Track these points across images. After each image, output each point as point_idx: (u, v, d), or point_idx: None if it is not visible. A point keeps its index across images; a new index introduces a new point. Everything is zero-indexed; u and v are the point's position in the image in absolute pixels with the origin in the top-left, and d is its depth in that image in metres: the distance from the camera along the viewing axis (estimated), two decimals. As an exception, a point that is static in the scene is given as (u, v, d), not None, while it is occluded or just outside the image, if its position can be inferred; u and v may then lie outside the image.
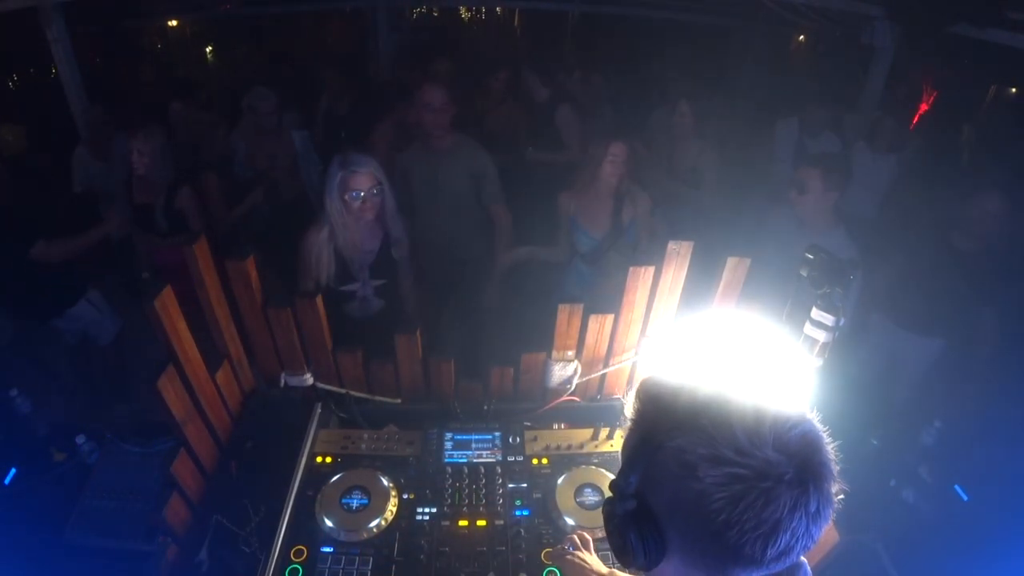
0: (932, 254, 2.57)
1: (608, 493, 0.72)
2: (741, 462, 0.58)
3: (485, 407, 1.80)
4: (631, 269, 1.66)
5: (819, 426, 0.64)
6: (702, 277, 1.71)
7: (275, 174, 3.43)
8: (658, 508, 0.65)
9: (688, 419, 0.62)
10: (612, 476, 1.54)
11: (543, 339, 1.78)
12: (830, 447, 0.63)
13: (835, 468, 0.62)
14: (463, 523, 1.49)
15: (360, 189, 2.13)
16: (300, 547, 1.42)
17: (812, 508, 0.59)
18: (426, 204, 2.82)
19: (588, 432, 1.71)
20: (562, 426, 1.79)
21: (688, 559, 0.65)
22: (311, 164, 3.43)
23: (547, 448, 1.68)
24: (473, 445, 1.69)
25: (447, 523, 1.49)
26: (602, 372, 1.83)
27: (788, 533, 0.59)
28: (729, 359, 1.51)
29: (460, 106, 2.95)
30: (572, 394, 1.83)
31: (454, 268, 2.96)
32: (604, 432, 1.69)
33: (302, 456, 1.62)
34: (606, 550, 1.39)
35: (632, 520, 0.66)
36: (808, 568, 0.79)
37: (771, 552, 0.59)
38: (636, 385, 0.72)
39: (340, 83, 4.43)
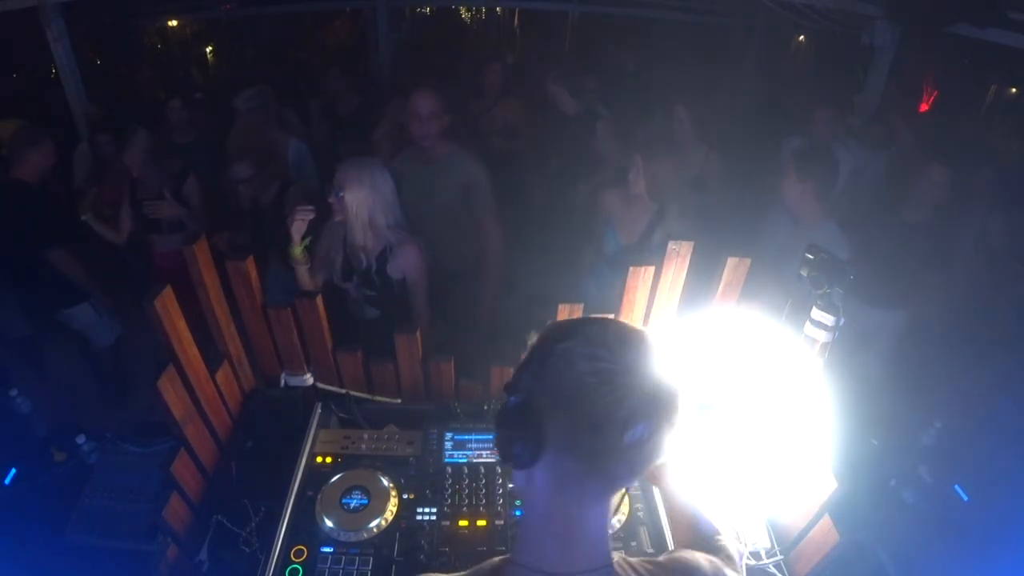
0: (887, 229, 2.74)
1: None
2: (610, 359, 0.72)
3: (485, 407, 1.80)
4: (631, 269, 1.66)
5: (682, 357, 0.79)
6: (701, 277, 1.71)
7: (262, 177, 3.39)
8: (540, 401, 0.75)
9: (574, 329, 0.76)
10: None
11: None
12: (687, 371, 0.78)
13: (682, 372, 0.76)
14: (463, 523, 1.49)
15: (335, 184, 2.10)
16: (300, 547, 1.42)
17: (664, 403, 0.73)
18: (416, 214, 2.64)
19: (588, 432, 1.71)
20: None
21: (556, 457, 0.74)
22: (304, 176, 3.31)
23: (547, 448, 1.67)
24: (473, 445, 1.69)
25: (447, 523, 1.49)
26: (602, 372, 1.83)
27: (644, 425, 0.72)
28: (729, 358, 1.51)
29: (456, 109, 2.87)
30: (572, 394, 1.83)
31: (444, 281, 2.78)
32: (604, 432, 1.69)
33: (302, 456, 1.61)
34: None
35: (519, 412, 0.76)
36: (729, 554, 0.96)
37: (629, 439, 0.72)
38: None
39: (341, 83, 4.43)
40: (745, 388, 1.55)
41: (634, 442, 0.72)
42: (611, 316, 0.82)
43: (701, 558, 0.88)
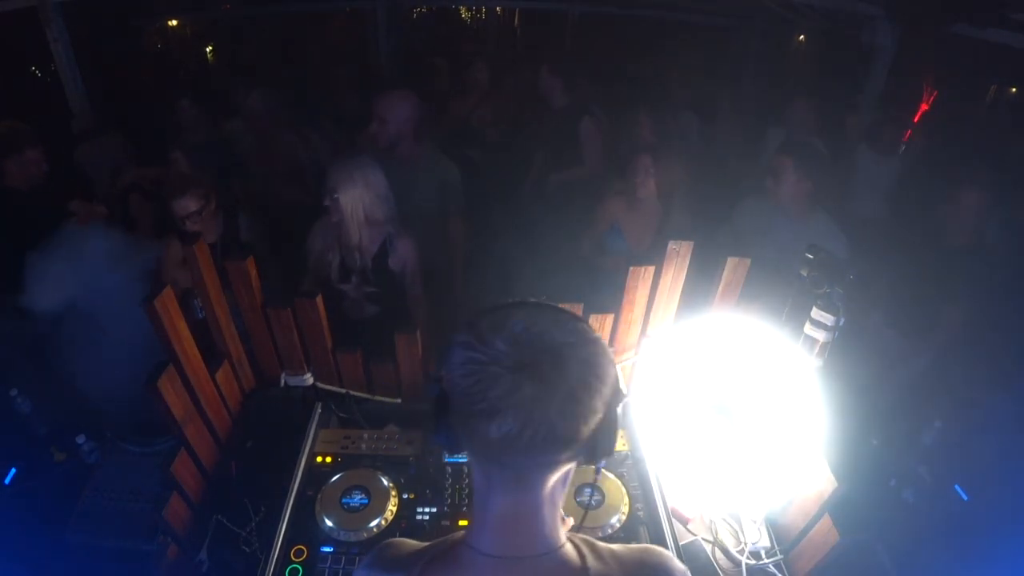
0: (922, 254, 2.58)
1: (609, 493, 0.75)
2: (479, 348, 0.70)
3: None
4: (631, 269, 1.67)
5: (580, 335, 0.73)
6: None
7: (276, 176, 3.39)
8: (446, 395, 0.75)
9: (472, 319, 0.75)
10: (613, 476, 1.55)
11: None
12: (566, 344, 0.72)
13: (565, 364, 0.70)
14: (463, 523, 1.49)
15: (329, 185, 2.14)
16: (300, 547, 1.42)
17: (528, 393, 0.68)
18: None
19: (588, 432, 1.71)
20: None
21: (465, 444, 0.75)
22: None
23: (547, 448, 1.67)
24: (473, 445, 1.69)
25: (447, 523, 1.49)
26: (602, 372, 1.83)
27: (511, 415, 0.68)
28: (729, 359, 1.51)
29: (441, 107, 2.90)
30: (572, 394, 1.83)
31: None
32: (604, 432, 1.69)
33: (302, 456, 1.62)
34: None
35: (435, 403, 0.77)
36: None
37: (495, 431, 0.68)
38: None
39: (342, 83, 4.43)
40: (745, 388, 1.55)
41: (503, 435, 0.68)
42: (528, 300, 0.78)
43: (676, 564, 0.84)
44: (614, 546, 0.84)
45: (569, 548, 0.80)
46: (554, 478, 0.76)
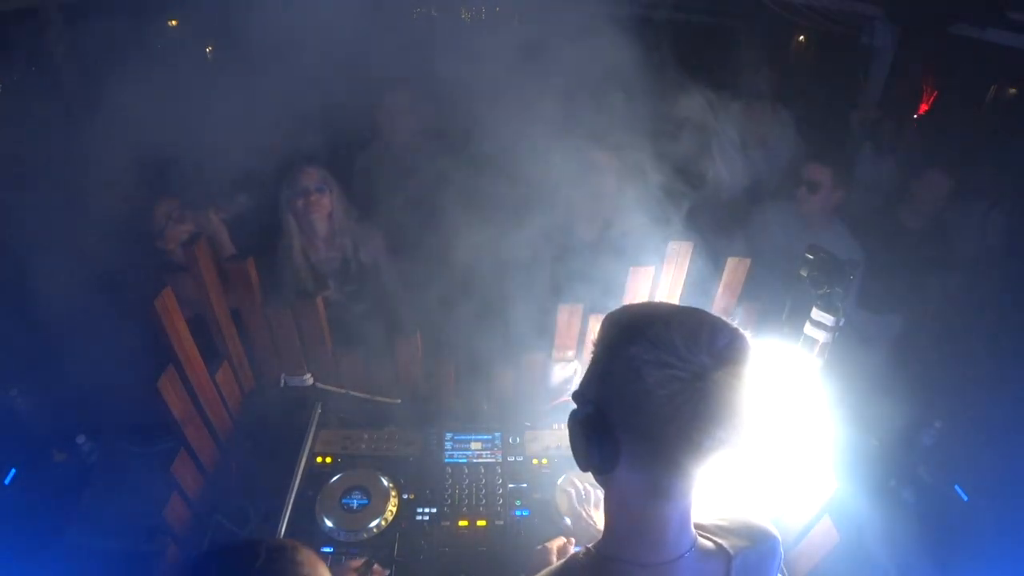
0: (887, 236, 2.68)
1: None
2: (679, 365, 0.68)
3: (485, 407, 1.80)
4: (631, 269, 1.67)
5: (748, 338, 0.75)
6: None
7: None
8: (611, 412, 0.73)
9: (637, 332, 0.72)
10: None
11: (543, 339, 1.78)
12: (750, 353, 0.74)
13: (763, 374, 0.73)
14: (463, 523, 1.49)
15: (305, 185, 2.12)
16: (300, 547, 1.42)
17: (741, 402, 0.70)
18: (389, 202, 2.68)
19: (588, 432, 1.71)
20: (562, 426, 1.78)
21: (636, 462, 0.74)
22: None
23: (547, 448, 1.68)
24: (473, 445, 1.69)
25: (447, 523, 1.49)
26: (602, 372, 1.83)
27: (728, 423, 0.69)
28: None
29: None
30: (572, 394, 1.83)
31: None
32: (604, 432, 1.69)
33: (302, 456, 1.62)
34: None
35: (590, 423, 0.74)
36: (778, 548, 0.90)
37: (708, 442, 0.69)
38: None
39: None
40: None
41: (713, 447, 0.70)
42: (672, 303, 0.79)
43: (768, 522, 0.89)
44: (715, 519, 0.88)
45: (699, 537, 0.82)
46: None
